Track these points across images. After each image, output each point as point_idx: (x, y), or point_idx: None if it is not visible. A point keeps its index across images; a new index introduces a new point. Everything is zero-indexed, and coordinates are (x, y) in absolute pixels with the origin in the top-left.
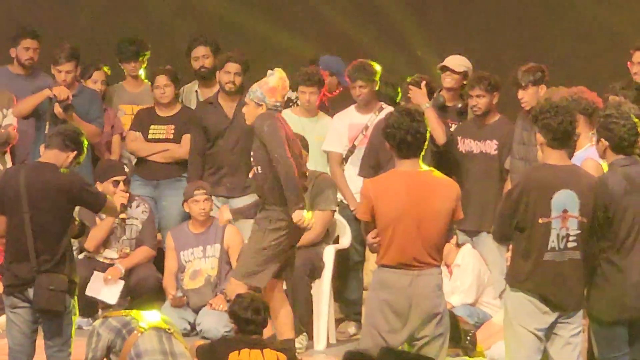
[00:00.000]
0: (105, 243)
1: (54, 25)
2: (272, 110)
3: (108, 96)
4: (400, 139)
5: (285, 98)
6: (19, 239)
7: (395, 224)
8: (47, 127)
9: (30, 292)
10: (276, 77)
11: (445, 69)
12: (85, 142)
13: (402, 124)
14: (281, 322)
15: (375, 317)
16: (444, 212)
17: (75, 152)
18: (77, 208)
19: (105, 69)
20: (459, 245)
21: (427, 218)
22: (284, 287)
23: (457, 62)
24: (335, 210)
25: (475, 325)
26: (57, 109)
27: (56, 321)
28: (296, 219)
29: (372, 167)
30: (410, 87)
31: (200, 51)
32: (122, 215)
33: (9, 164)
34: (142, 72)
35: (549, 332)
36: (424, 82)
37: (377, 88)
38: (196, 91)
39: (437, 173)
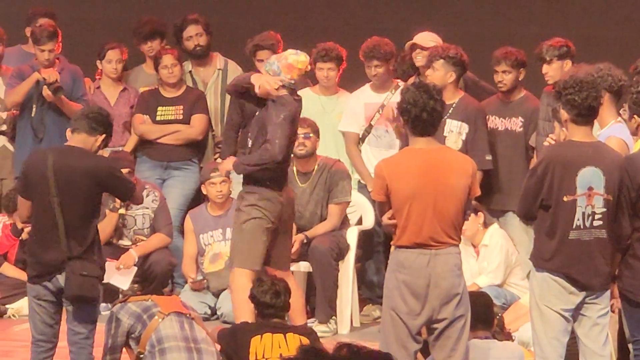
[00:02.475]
0: (119, 234)
1: (71, 4)
2: (289, 91)
3: (127, 77)
4: (415, 116)
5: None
6: (47, 224)
7: (411, 203)
8: (34, 110)
9: (60, 279)
10: (297, 57)
11: (414, 47)
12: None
13: (418, 100)
14: (292, 308)
15: (393, 299)
16: (460, 189)
17: (103, 135)
18: None
19: (124, 43)
20: (486, 225)
21: (443, 196)
22: (310, 270)
23: (427, 38)
24: (349, 201)
25: (503, 307)
26: (46, 92)
27: (86, 308)
28: (222, 166)
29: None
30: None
31: (193, 30)
32: (121, 211)
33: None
34: None
35: (576, 313)
36: None
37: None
38: (190, 72)
39: (451, 150)
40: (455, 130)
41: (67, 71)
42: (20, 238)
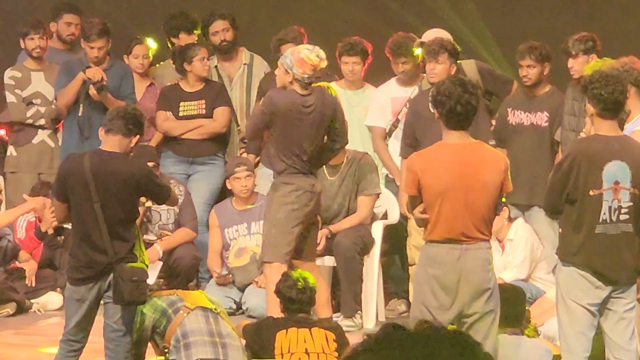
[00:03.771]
0: (144, 229)
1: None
2: (302, 86)
3: (154, 72)
4: (449, 109)
5: (316, 72)
6: (90, 229)
7: (443, 199)
8: (81, 109)
9: (106, 282)
10: (309, 52)
11: (423, 45)
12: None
13: (453, 93)
14: (317, 302)
15: (423, 294)
16: (493, 184)
17: (138, 136)
18: None
19: (151, 38)
20: (511, 220)
21: (476, 191)
22: (334, 264)
23: (434, 35)
24: (380, 193)
25: (528, 301)
26: (92, 91)
27: (132, 309)
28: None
29: (411, 145)
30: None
31: (219, 25)
32: (148, 204)
33: (60, 142)
34: None
35: (602, 307)
36: None
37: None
38: (216, 67)
39: (485, 145)
40: None
41: (115, 68)
42: (46, 231)
